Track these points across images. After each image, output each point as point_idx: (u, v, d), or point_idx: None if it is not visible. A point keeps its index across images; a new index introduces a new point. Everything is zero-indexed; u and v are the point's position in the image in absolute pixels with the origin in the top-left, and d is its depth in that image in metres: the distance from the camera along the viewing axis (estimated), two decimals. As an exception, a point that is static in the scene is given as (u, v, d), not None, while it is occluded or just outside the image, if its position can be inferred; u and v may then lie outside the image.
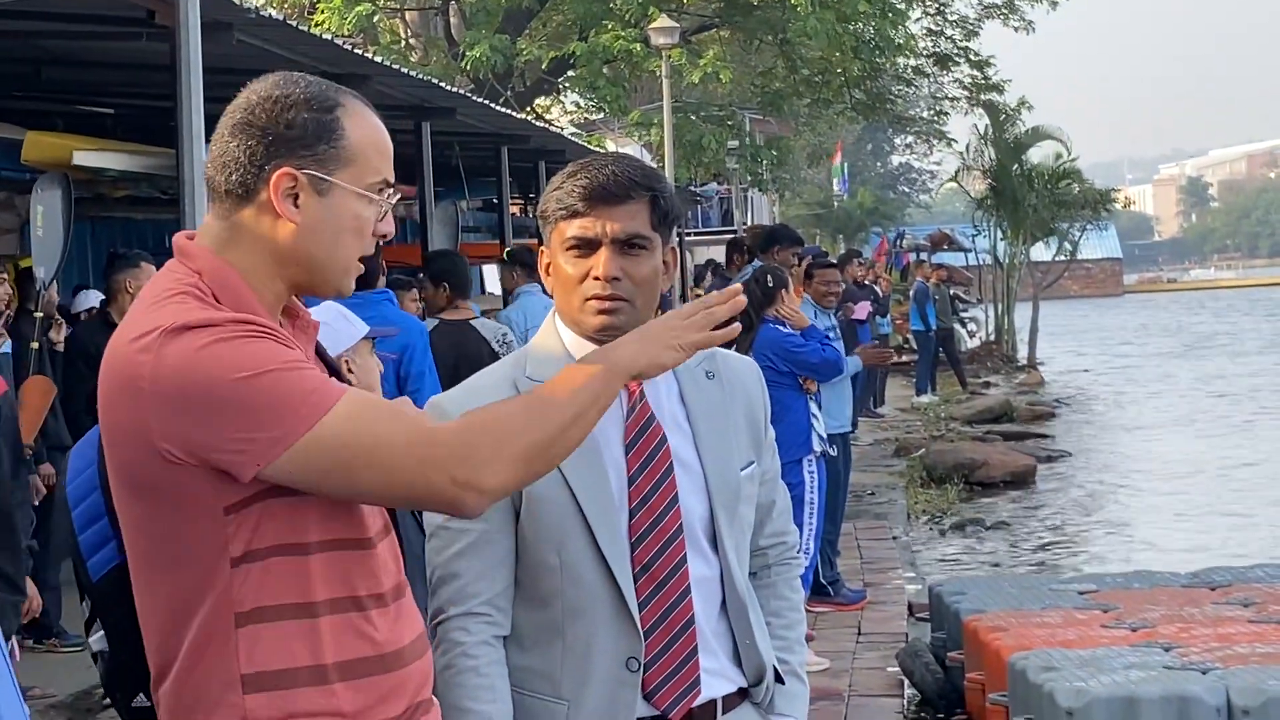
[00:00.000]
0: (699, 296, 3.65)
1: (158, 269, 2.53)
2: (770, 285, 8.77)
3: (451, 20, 25.09)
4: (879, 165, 79.08)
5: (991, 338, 34.77)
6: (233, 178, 2.31)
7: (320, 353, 2.48)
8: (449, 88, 13.97)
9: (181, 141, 7.66)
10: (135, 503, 2.28)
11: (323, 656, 2.26)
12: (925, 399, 24.23)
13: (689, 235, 30.71)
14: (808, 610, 3.17)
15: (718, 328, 2.46)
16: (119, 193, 13.46)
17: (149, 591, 2.32)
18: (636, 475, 2.76)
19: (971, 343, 34.62)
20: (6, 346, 8.67)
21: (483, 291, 17.79)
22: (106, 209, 14.28)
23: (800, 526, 8.17)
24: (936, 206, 76.18)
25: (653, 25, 21.55)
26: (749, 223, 32.66)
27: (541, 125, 19.05)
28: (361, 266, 2.41)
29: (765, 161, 29.15)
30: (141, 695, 2.44)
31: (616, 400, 2.74)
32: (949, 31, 31.44)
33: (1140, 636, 6.78)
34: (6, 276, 9.38)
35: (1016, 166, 31.82)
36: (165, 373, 2.18)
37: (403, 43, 25.53)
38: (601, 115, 26.96)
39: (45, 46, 10.62)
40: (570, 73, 24.67)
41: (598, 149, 20.98)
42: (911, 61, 30.61)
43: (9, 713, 1.86)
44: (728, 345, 2.57)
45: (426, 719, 2.41)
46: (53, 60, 11.11)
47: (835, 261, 12.99)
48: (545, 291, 2.80)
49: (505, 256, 11.02)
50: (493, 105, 15.44)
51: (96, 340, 7.99)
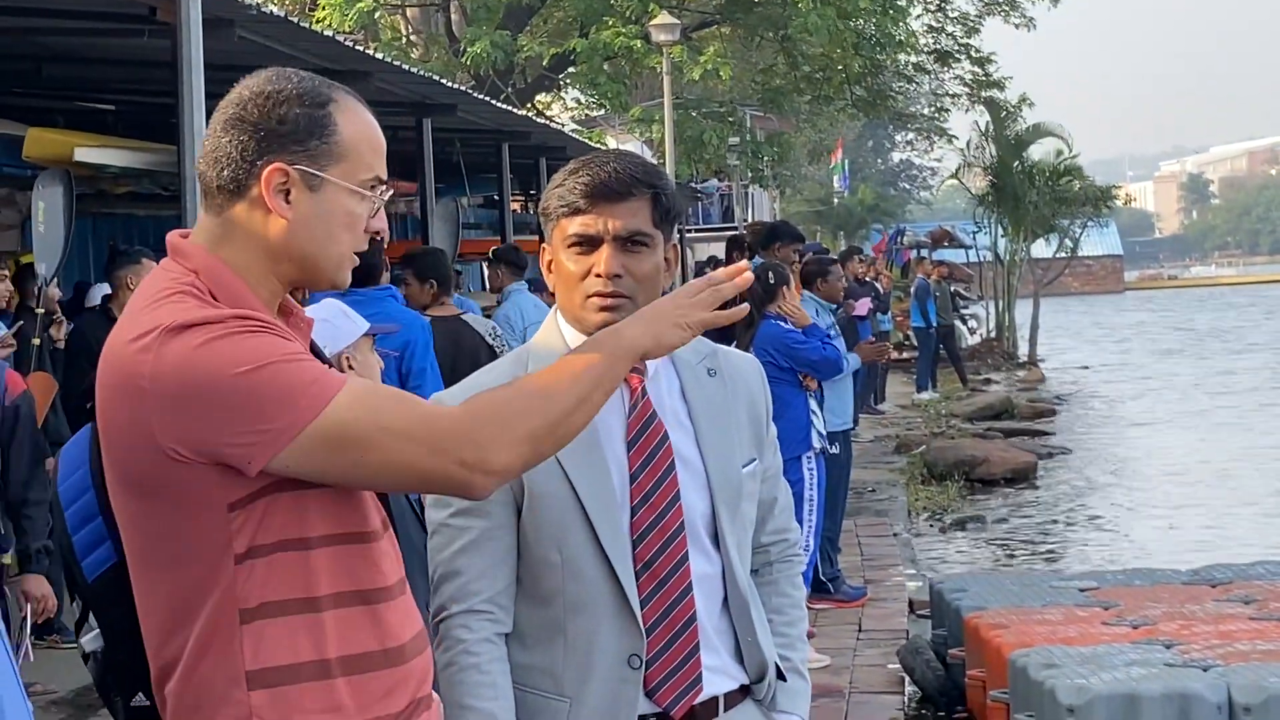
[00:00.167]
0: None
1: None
2: (772, 282, 8.78)
3: (452, 16, 25.07)
4: (880, 162, 79.02)
5: (992, 334, 34.76)
6: (225, 173, 2.31)
7: (315, 350, 2.47)
8: (450, 84, 13.97)
9: (183, 138, 7.66)
10: (135, 502, 2.28)
11: (326, 652, 2.26)
12: (926, 396, 24.23)
13: (690, 232, 30.69)
14: (808, 607, 3.17)
15: (724, 307, 2.46)
16: (120, 189, 13.48)
17: (149, 590, 2.31)
18: (638, 472, 2.75)
19: (972, 339, 34.63)
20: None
21: (484, 288, 17.78)
22: (108, 205, 14.29)
23: (800, 523, 8.17)
24: (937, 203, 76.19)
25: (654, 22, 21.55)
26: (749, 219, 32.67)
27: (542, 122, 19.04)
28: (356, 259, 2.40)
29: (766, 158, 29.16)
30: (140, 695, 2.43)
31: (618, 397, 2.75)
32: (950, 28, 31.48)
33: (1141, 634, 6.78)
34: (7, 273, 9.38)
35: (1017, 163, 31.81)
36: (166, 371, 2.18)
37: (404, 39, 25.52)
38: (602, 112, 26.97)
39: (46, 43, 10.64)
40: (571, 69, 24.66)
41: (599, 145, 20.99)
42: (912, 58, 30.66)
43: (12, 708, 1.86)
44: (728, 341, 2.57)
45: (427, 714, 2.40)
46: (54, 57, 11.12)
47: (835, 258, 12.99)
48: (532, 289, 2.80)
49: (491, 256, 11.03)
50: (493, 102, 15.45)
51: (98, 336, 7.98)
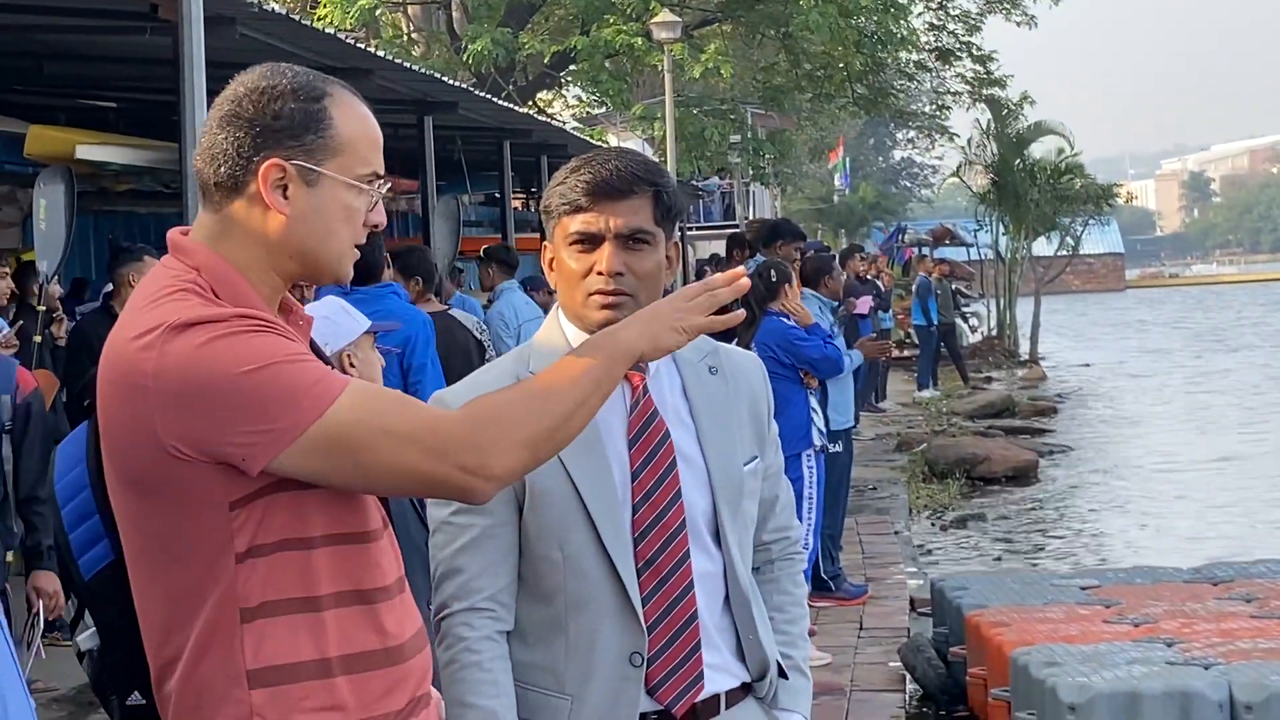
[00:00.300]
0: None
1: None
2: (773, 280, 8.79)
3: (454, 14, 25.05)
4: (881, 160, 79.03)
5: (993, 333, 34.78)
6: (221, 170, 2.30)
7: (315, 349, 2.46)
8: (451, 82, 13.96)
9: (184, 136, 7.65)
10: (135, 500, 2.27)
11: (327, 650, 2.26)
12: (927, 394, 24.23)
13: (691, 230, 30.71)
14: (809, 605, 3.16)
15: (721, 311, 2.46)
16: (121, 187, 13.49)
17: (148, 589, 2.30)
18: (640, 470, 2.75)
19: (973, 338, 34.64)
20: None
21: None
22: (109, 203, 14.32)
23: (799, 521, 8.17)
24: (938, 201, 76.08)
25: (655, 19, 21.53)
26: (751, 217, 32.66)
27: (544, 119, 19.03)
28: (357, 253, 2.39)
29: (767, 156, 29.15)
30: (136, 693, 2.42)
31: (620, 395, 2.75)
32: (951, 26, 31.43)
33: (1142, 632, 6.78)
34: (7, 270, 9.38)
35: (1019, 161, 31.81)
36: (169, 370, 2.17)
37: (405, 37, 25.50)
38: (604, 109, 26.95)
39: (48, 41, 10.64)
40: (572, 67, 24.64)
41: (600, 143, 20.97)
42: (914, 56, 30.63)
43: (15, 705, 1.86)
44: (729, 339, 2.56)
45: (426, 712, 2.40)
46: (55, 54, 11.12)
47: (834, 256, 13.00)
48: (529, 287, 2.80)
49: (481, 255, 11.06)
50: (495, 99, 15.43)
51: (99, 333, 7.97)
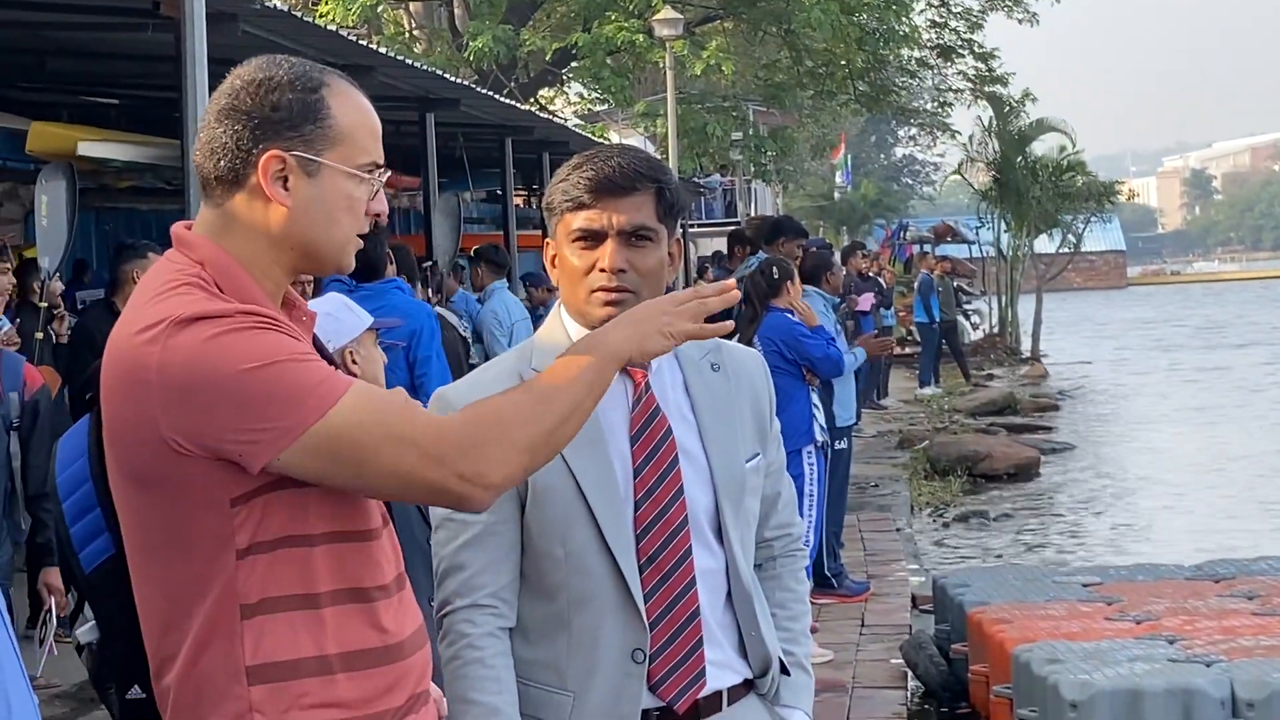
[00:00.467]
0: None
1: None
2: (776, 277, 8.80)
3: (455, 11, 25.05)
4: (882, 157, 79.03)
5: (995, 330, 34.77)
6: (221, 164, 2.29)
7: (318, 345, 2.45)
8: (453, 79, 13.96)
9: (186, 132, 7.66)
10: (137, 494, 2.27)
11: (327, 647, 2.26)
12: (929, 391, 24.23)
13: (692, 227, 30.70)
14: (811, 602, 3.16)
15: (712, 320, 2.46)
16: (123, 183, 13.50)
17: (149, 584, 2.30)
18: (642, 467, 2.75)
19: (975, 335, 34.63)
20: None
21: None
22: (111, 200, 14.32)
23: (800, 517, 8.18)
24: (940, 199, 76.03)
25: (656, 16, 21.52)
26: (752, 214, 32.65)
27: (545, 116, 19.04)
28: (360, 242, 2.38)
29: (769, 153, 29.14)
30: (136, 687, 2.42)
31: (622, 391, 2.75)
32: (953, 23, 31.40)
33: (1144, 629, 6.77)
34: (9, 265, 9.37)
35: (1020, 159, 31.82)
36: (173, 364, 2.17)
37: (407, 34, 25.50)
38: (606, 106, 26.94)
39: (50, 37, 10.64)
40: (574, 64, 24.64)
41: (602, 140, 20.97)
42: (915, 53, 30.61)
43: (18, 701, 1.86)
44: (731, 336, 2.56)
45: (425, 709, 2.40)
46: (57, 51, 11.12)
47: (834, 251, 13.00)
48: (528, 285, 2.80)
49: (472, 255, 11.07)
50: (497, 96, 15.44)
51: (102, 329, 7.98)
